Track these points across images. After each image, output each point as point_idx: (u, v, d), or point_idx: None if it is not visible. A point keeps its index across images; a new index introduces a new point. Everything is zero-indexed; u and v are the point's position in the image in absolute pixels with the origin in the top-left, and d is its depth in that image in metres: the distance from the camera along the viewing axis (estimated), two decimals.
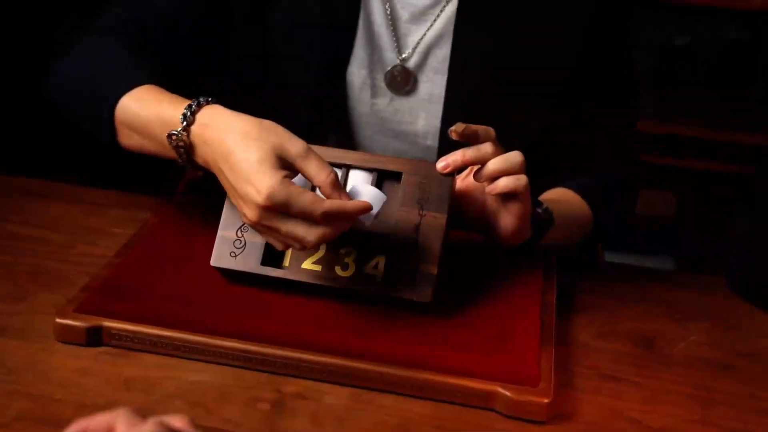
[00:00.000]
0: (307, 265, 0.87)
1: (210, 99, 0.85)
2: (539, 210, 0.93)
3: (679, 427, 0.78)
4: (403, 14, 1.01)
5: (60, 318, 0.83)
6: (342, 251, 0.87)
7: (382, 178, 0.88)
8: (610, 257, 1.36)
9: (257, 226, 0.80)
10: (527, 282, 0.93)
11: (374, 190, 0.83)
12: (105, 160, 1.00)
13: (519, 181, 0.86)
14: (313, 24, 1.00)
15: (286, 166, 0.78)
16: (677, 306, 0.97)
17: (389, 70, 1.02)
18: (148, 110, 0.88)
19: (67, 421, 0.73)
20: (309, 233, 0.77)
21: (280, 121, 0.82)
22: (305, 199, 0.76)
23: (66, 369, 0.80)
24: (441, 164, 0.85)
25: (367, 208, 0.79)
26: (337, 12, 1.00)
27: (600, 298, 0.97)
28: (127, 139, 0.92)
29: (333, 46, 1.02)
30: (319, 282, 0.86)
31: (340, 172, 0.87)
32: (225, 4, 1.02)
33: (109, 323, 0.82)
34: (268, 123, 0.80)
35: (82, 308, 0.84)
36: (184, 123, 0.83)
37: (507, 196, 0.88)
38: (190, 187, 1.16)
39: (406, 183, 0.86)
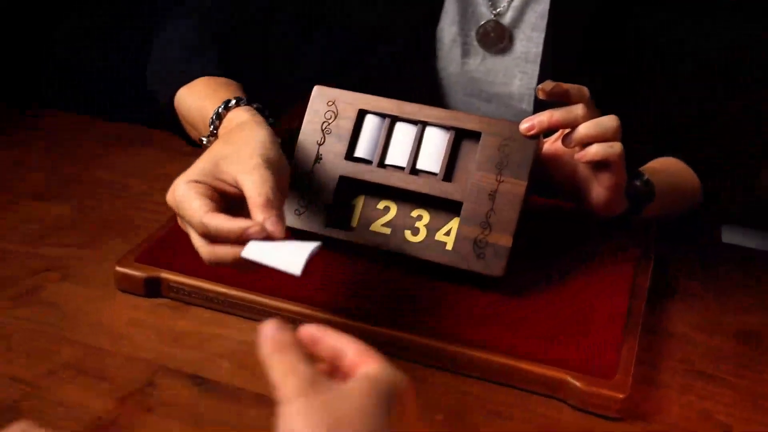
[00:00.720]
0: (376, 227, 0.81)
1: (242, 99, 0.80)
2: (638, 182, 0.83)
3: None
4: None
5: (120, 267, 0.81)
6: (414, 215, 0.81)
7: (460, 138, 0.80)
8: (741, 240, 1.22)
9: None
10: (618, 259, 0.84)
11: (302, 246, 0.65)
12: None
13: (612, 149, 0.76)
14: None
15: (221, 177, 0.70)
16: None
17: (482, 26, 0.94)
18: (194, 104, 0.85)
19: (113, 374, 0.72)
20: (202, 247, 0.68)
21: (367, 87, 0.78)
22: (188, 207, 0.67)
23: (121, 319, 0.78)
24: (525, 125, 0.77)
25: (248, 232, 0.64)
26: None
27: (705, 284, 0.86)
28: (190, 131, 0.90)
29: (422, 2, 0.94)
30: (386, 247, 0.80)
31: (415, 129, 0.81)
32: None
33: (167, 275, 0.80)
34: (257, 132, 0.73)
35: (142, 258, 0.82)
36: (212, 128, 0.80)
37: (599, 165, 0.79)
38: None
39: (485, 144, 0.78)
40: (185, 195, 0.68)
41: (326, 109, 0.82)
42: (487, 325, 0.75)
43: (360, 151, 0.82)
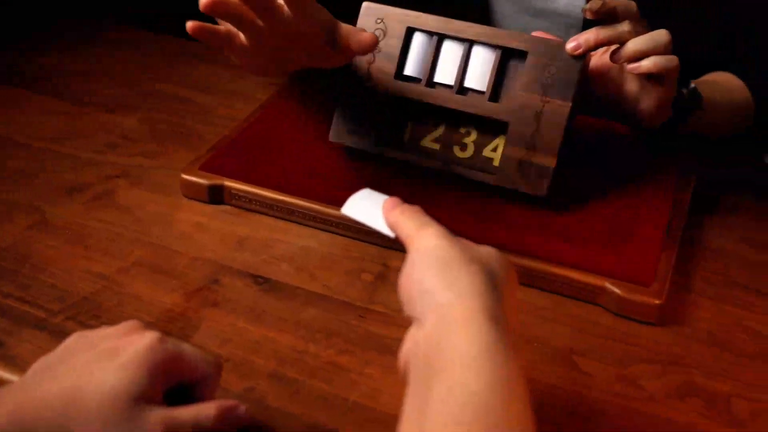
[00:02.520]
0: (426, 143, 0.85)
1: None
2: (684, 90, 0.84)
3: None
4: None
5: (185, 174, 0.86)
6: (462, 131, 0.84)
7: (507, 56, 0.82)
8: None
9: None
10: (661, 176, 0.87)
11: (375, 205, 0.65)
12: None
13: (670, 61, 0.78)
14: None
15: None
16: None
17: None
18: None
19: (180, 272, 0.77)
20: None
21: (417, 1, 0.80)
22: None
23: (187, 223, 0.84)
24: (571, 45, 0.78)
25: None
26: None
27: (745, 203, 0.89)
28: None
29: None
30: (435, 163, 0.84)
31: (462, 47, 0.83)
32: None
33: (230, 183, 0.85)
34: None
35: (206, 167, 0.86)
36: None
37: (651, 78, 0.80)
38: None
39: (531, 64, 0.80)
40: None
41: (375, 27, 0.85)
42: (531, 234, 0.79)
43: (409, 70, 0.85)
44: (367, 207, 0.64)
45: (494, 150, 0.82)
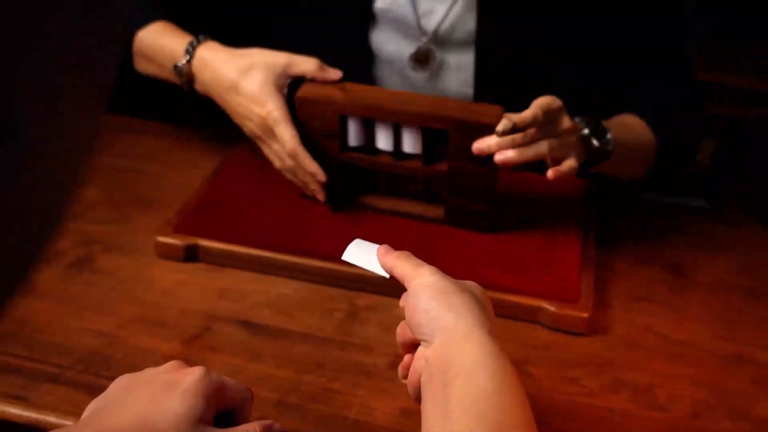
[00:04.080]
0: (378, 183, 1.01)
1: (207, 37, 1.01)
2: (596, 143, 0.96)
3: (704, 342, 0.89)
4: None
5: (161, 237, 0.95)
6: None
7: (430, 134, 0.94)
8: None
9: (256, 139, 1.00)
10: (572, 215, 1.03)
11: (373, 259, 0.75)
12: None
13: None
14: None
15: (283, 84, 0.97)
16: (709, 238, 1.06)
17: (413, 53, 1.06)
18: (159, 42, 1.03)
19: (173, 323, 0.87)
20: (283, 159, 0.97)
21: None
22: (286, 131, 0.95)
23: (167, 280, 0.93)
24: (476, 146, 0.91)
25: (320, 178, 0.95)
26: None
27: (637, 230, 1.07)
28: (143, 66, 1.07)
29: (356, 18, 1.07)
30: (388, 203, 0.99)
31: (389, 131, 0.95)
32: None
33: (204, 242, 0.95)
34: (256, 52, 0.98)
35: (179, 229, 0.96)
36: (187, 57, 0.99)
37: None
38: None
39: (454, 140, 0.92)
40: (283, 122, 0.95)
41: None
42: (476, 267, 0.93)
43: (351, 142, 0.97)
44: (362, 254, 0.77)
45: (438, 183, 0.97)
